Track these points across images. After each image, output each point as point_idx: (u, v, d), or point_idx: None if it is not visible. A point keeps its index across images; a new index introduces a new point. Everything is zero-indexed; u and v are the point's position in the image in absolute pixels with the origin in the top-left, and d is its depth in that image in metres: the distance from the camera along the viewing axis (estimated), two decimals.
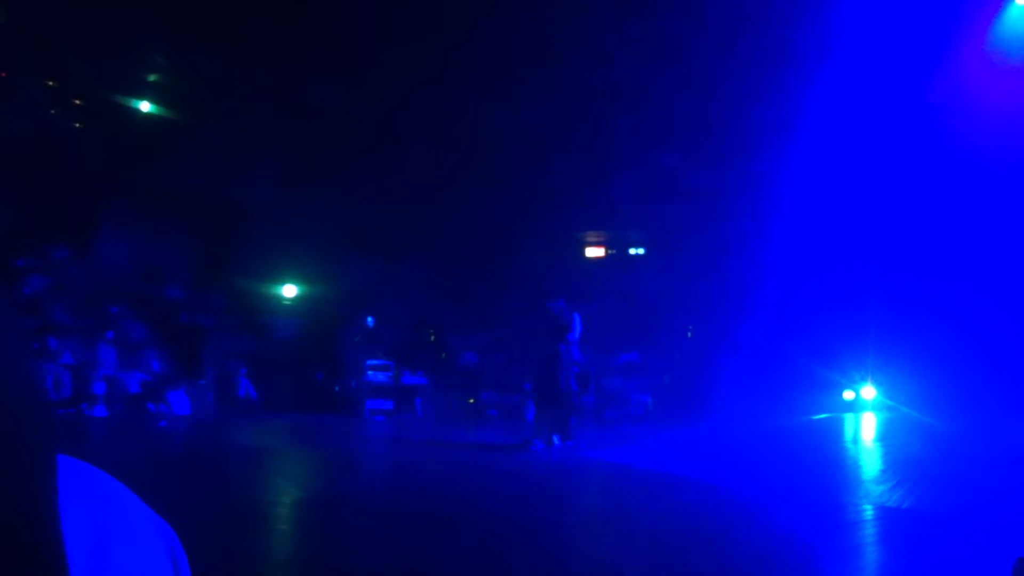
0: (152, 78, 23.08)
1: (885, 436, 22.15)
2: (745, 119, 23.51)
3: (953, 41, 21.76)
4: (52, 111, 22.23)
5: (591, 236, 31.63)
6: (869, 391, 28.64)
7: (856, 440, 21.64)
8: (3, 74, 21.06)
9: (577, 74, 22.82)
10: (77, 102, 22.76)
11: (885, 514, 9.56)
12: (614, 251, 31.69)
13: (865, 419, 26.47)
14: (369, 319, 24.39)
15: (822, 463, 15.53)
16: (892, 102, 23.01)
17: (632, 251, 31.66)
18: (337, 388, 24.22)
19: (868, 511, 9.82)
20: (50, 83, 22.01)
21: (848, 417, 26.71)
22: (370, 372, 23.19)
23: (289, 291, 26.74)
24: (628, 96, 23.45)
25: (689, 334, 30.21)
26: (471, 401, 25.63)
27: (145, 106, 23.34)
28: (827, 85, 22.14)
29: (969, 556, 7.42)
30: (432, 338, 28.19)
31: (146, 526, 0.87)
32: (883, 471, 14.75)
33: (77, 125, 22.77)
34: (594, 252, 31.75)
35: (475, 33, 21.38)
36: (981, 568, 6.86)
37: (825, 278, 27.07)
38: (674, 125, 23.96)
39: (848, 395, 29.04)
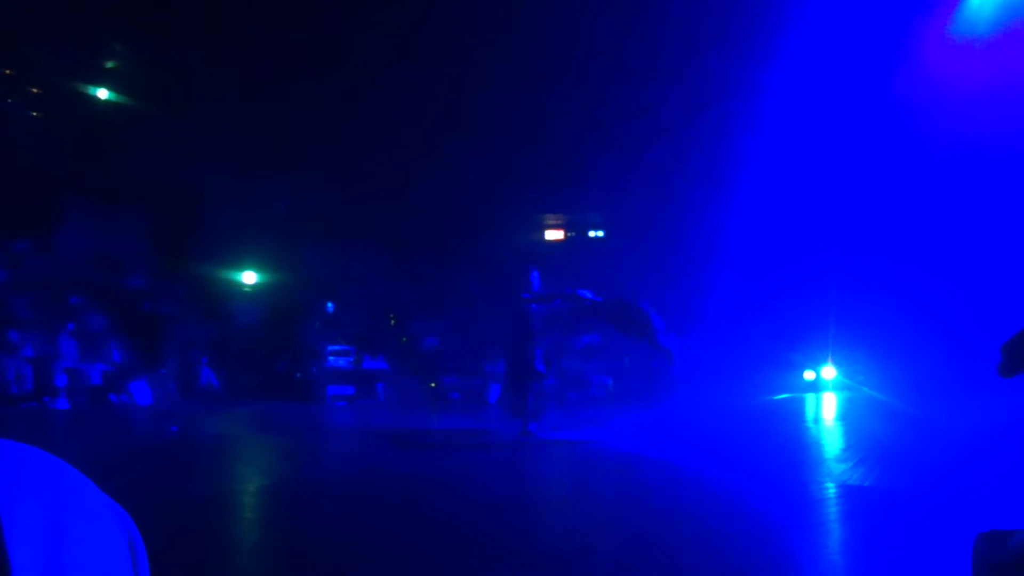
0: (110, 66, 22.87)
1: (846, 416, 22.32)
2: (707, 101, 23.58)
3: (916, 25, 21.87)
4: (8, 100, 22.00)
5: (551, 219, 31.65)
6: (830, 371, 28.80)
7: (817, 420, 21.78)
8: None
9: (535, 56, 22.81)
10: (34, 91, 22.53)
11: (847, 492, 9.64)
12: (573, 233, 31.72)
13: (826, 399, 26.66)
14: (329, 304, 24.33)
15: (784, 443, 15.63)
16: (854, 86, 23.14)
17: (592, 233, 31.71)
18: (298, 374, 24.15)
19: (831, 489, 9.90)
20: (6, 71, 21.78)
21: (809, 397, 26.88)
22: (331, 358, 23.15)
23: (249, 278, 26.61)
24: (588, 79, 23.46)
25: None
26: (432, 385, 25.61)
27: (103, 94, 23.12)
28: (790, 69, 22.22)
29: (930, 532, 7.49)
30: (392, 322, 28.15)
31: (103, 513, 0.86)
32: (844, 450, 14.86)
33: (34, 114, 22.55)
34: (554, 235, 31.77)
35: (431, 17, 21.33)
36: (942, 543, 6.93)
37: (786, 259, 27.21)
38: (634, 107, 23.99)
39: (809, 375, 29.20)
